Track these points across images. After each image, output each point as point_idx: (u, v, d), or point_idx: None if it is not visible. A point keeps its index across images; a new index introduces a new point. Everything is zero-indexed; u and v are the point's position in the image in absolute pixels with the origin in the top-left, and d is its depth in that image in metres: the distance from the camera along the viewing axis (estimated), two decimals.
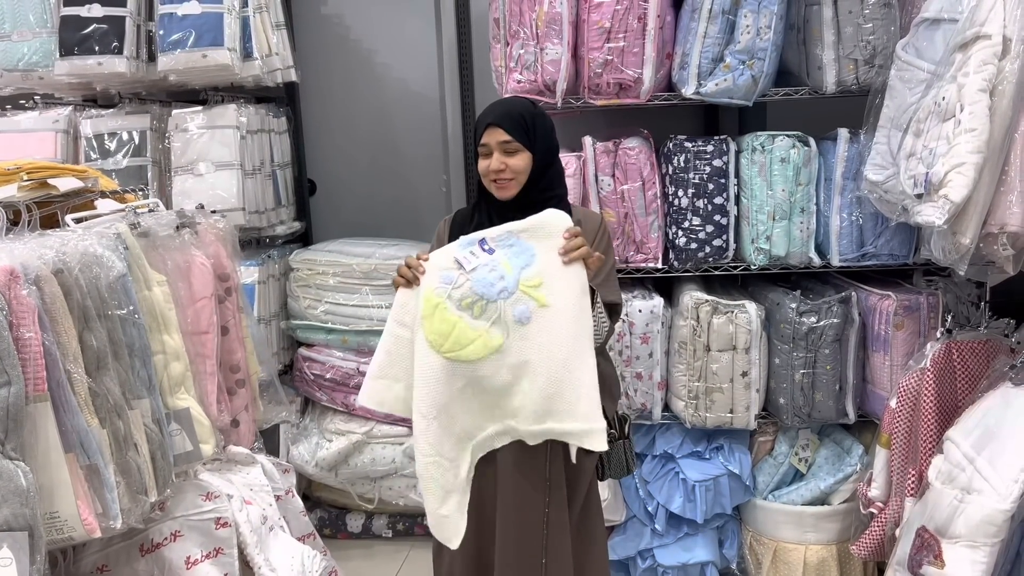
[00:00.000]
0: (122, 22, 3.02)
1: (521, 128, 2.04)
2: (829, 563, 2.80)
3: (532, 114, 2.08)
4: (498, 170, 2.05)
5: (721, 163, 2.71)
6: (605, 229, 2.16)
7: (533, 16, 2.67)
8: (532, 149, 2.05)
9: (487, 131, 2.05)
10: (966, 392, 2.26)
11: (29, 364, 1.49)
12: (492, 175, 2.06)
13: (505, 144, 2.04)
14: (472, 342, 1.88)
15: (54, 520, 1.54)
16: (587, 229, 2.05)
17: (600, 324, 2.01)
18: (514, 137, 2.03)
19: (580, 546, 2.15)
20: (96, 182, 2.09)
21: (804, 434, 2.87)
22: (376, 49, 3.76)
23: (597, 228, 2.13)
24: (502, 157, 2.04)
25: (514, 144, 2.03)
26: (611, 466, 2.16)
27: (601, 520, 2.27)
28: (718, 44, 2.63)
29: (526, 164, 2.05)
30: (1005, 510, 1.81)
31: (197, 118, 3.12)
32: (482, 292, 1.90)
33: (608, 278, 2.10)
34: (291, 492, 2.38)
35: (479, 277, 1.91)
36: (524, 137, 2.04)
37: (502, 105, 2.13)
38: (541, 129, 2.07)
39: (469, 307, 1.90)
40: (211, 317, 2.13)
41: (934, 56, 2.20)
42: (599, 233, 2.12)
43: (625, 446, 2.16)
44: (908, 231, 2.64)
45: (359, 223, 3.82)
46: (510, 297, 1.89)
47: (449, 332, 1.89)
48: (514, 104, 2.12)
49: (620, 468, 2.16)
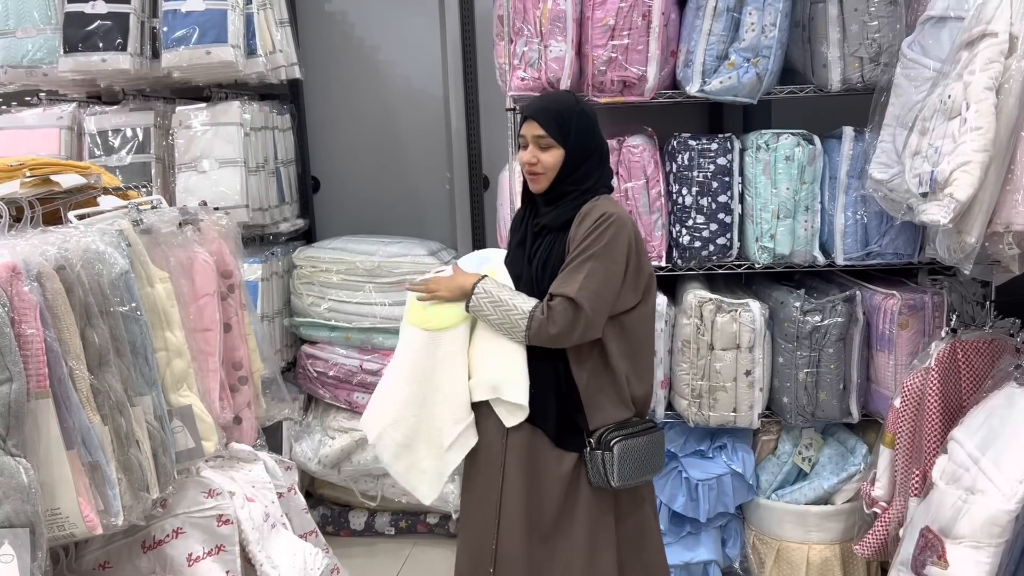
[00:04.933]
0: (126, 19, 3.02)
1: (556, 124, 2.07)
2: (832, 563, 2.79)
3: (571, 111, 2.09)
4: (530, 163, 2.10)
5: (725, 161, 2.70)
6: (597, 227, 2.02)
7: (537, 13, 2.67)
8: (565, 145, 2.07)
9: (525, 123, 2.11)
10: (971, 392, 2.25)
11: (31, 361, 1.48)
12: (526, 167, 2.12)
13: (539, 138, 2.08)
14: (440, 313, 2.17)
15: (55, 517, 1.54)
16: (582, 225, 2.05)
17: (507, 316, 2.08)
18: (548, 132, 2.07)
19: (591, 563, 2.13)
20: (99, 179, 2.08)
21: (808, 433, 2.86)
22: (380, 46, 3.76)
23: (590, 226, 2.02)
24: (535, 151, 2.09)
25: (547, 140, 2.07)
26: (592, 473, 2.09)
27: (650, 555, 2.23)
28: (723, 42, 2.62)
29: (557, 160, 2.08)
30: (1010, 510, 1.80)
31: (201, 115, 3.11)
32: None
33: (571, 272, 2.01)
34: (293, 489, 2.37)
35: (463, 264, 2.29)
36: (558, 133, 2.07)
37: (544, 99, 2.21)
38: (578, 126, 2.08)
39: None
40: (214, 314, 2.13)
41: (940, 54, 2.19)
42: (588, 230, 2.02)
43: (604, 456, 2.05)
44: (913, 230, 2.63)
45: (363, 220, 3.82)
46: None
47: (420, 309, 2.19)
48: (555, 99, 2.18)
49: (600, 477, 2.08)
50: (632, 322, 2.11)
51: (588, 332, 2.03)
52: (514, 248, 2.24)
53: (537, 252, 2.14)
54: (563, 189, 2.11)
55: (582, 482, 2.12)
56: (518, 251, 2.21)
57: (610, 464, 2.05)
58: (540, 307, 2.04)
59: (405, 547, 3.46)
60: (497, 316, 2.08)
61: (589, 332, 2.03)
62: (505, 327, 2.08)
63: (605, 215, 2.04)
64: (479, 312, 2.11)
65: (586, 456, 2.10)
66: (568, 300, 1.99)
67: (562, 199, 2.11)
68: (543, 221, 2.14)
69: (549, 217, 2.12)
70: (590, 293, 1.99)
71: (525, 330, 2.05)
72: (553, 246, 2.10)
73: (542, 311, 2.03)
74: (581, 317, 1.99)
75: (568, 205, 2.10)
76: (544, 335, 2.03)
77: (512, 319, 2.06)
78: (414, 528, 3.51)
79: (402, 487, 2.27)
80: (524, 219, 2.23)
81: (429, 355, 2.17)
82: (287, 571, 2.04)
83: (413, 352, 2.20)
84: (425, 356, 2.17)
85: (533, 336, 2.05)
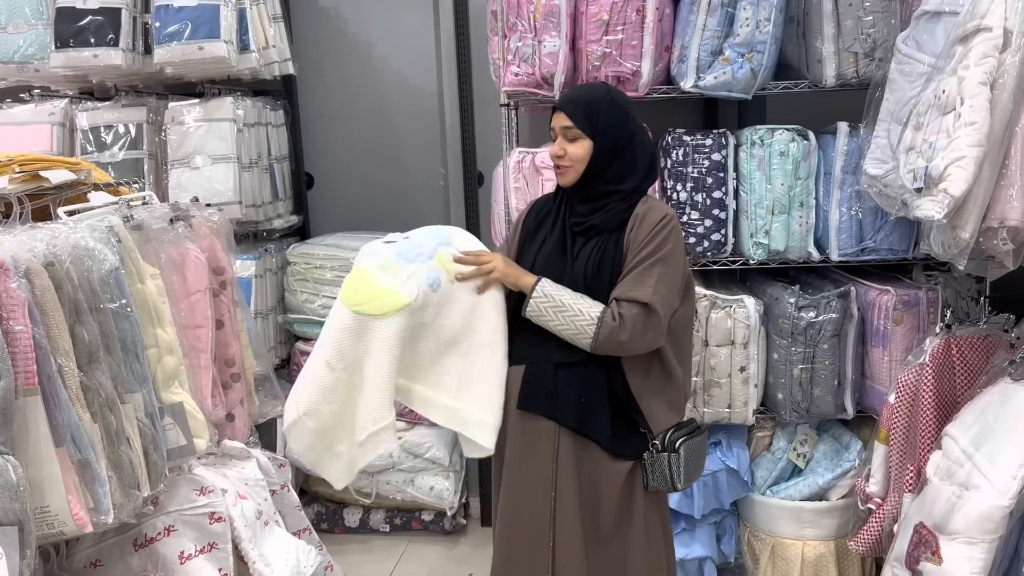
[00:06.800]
0: (118, 14, 3.01)
1: (584, 115, 1.98)
2: (827, 559, 2.79)
3: (600, 101, 2.00)
4: (557, 155, 2.02)
5: (720, 157, 2.69)
6: (661, 230, 1.96)
7: (531, 8, 2.66)
8: (593, 136, 1.98)
9: (554, 114, 2.03)
10: (965, 387, 2.25)
11: (19, 358, 1.47)
12: (553, 159, 2.04)
13: (566, 130, 2.00)
14: (379, 296, 1.94)
15: (45, 515, 1.53)
16: (642, 227, 1.97)
17: (569, 321, 1.95)
18: (575, 123, 1.98)
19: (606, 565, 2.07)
20: (89, 174, 2.07)
21: (802, 429, 2.86)
22: (374, 42, 3.74)
23: (651, 228, 1.96)
24: (563, 143, 2.01)
25: (574, 131, 1.99)
26: (653, 477, 2.03)
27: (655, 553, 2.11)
28: (717, 37, 2.61)
29: (585, 152, 1.99)
30: (1003, 506, 1.80)
31: (194, 111, 3.10)
32: (403, 254, 2.02)
33: (641, 276, 1.94)
34: (287, 487, 2.37)
35: (402, 247, 2.05)
36: (586, 124, 1.98)
37: (575, 90, 2.10)
38: (608, 118, 1.99)
39: (385, 267, 1.99)
40: (205, 311, 2.12)
41: (934, 49, 2.18)
42: (651, 233, 1.96)
43: (670, 459, 2.00)
44: (908, 225, 2.63)
45: (357, 217, 3.81)
46: (428, 263, 2.00)
47: (360, 288, 1.97)
48: (585, 90, 2.09)
49: (664, 481, 2.02)
50: (676, 323, 2.03)
51: (658, 339, 1.94)
52: (549, 248, 2.07)
53: (581, 253, 2.02)
54: (601, 189, 2.01)
55: (636, 488, 2.05)
56: (555, 252, 2.06)
57: (676, 466, 1.98)
58: (610, 312, 1.92)
59: (400, 544, 3.45)
60: (560, 322, 1.95)
61: (659, 339, 1.95)
62: (568, 333, 1.95)
63: (667, 217, 1.97)
64: (538, 317, 1.97)
65: (647, 461, 2.01)
66: (641, 305, 1.90)
67: (604, 199, 2.01)
68: (592, 222, 2.02)
69: (600, 219, 2.01)
70: (662, 298, 1.91)
71: (593, 338, 1.92)
72: (606, 248, 1.99)
73: (613, 316, 1.91)
74: (653, 322, 1.90)
75: (618, 206, 2.00)
76: (614, 342, 1.91)
77: (578, 325, 1.93)
78: (409, 525, 3.50)
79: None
80: (558, 217, 2.10)
81: (356, 341, 1.94)
82: (280, 569, 2.04)
83: (337, 333, 1.96)
84: (351, 342, 1.94)
85: (602, 343, 1.92)
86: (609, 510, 2.04)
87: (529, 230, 2.15)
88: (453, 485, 3.43)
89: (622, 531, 2.06)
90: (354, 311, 1.94)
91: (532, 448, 2.05)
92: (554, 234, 2.08)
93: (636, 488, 2.05)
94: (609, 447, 2.01)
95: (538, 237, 2.12)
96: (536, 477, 2.04)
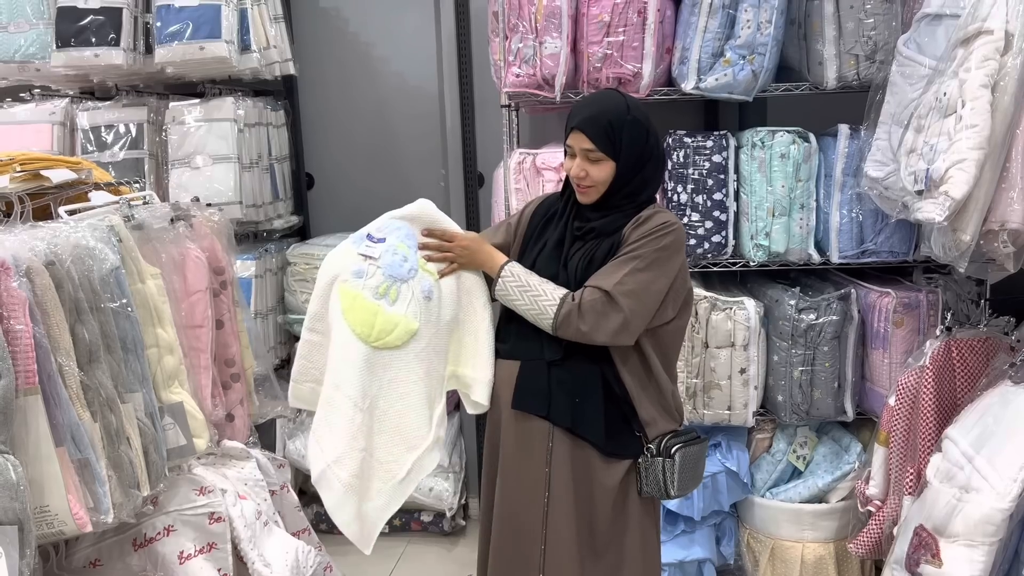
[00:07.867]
0: (119, 14, 3.00)
1: (606, 137, 1.92)
2: (826, 561, 2.79)
3: (621, 120, 1.93)
4: (579, 177, 1.96)
5: (721, 159, 2.69)
6: (654, 232, 1.93)
7: (532, 10, 2.66)
8: (616, 158, 1.93)
9: (572, 134, 1.96)
10: (965, 390, 2.25)
11: (19, 357, 1.47)
12: (574, 180, 1.99)
13: (588, 152, 1.93)
14: (395, 327, 1.96)
15: (44, 514, 1.53)
16: (639, 229, 1.94)
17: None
18: (597, 146, 1.92)
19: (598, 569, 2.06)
20: (90, 174, 2.07)
21: (802, 432, 2.86)
22: (375, 42, 3.74)
23: (647, 231, 1.94)
24: (584, 164, 1.94)
25: (597, 153, 1.92)
26: (647, 482, 2.02)
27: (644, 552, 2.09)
28: (718, 39, 2.62)
29: (608, 174, 1.94)
30: (1003, 509, 1.80)
31: (194, 111, 3.10)
32: (394, 274, 2.00)
33: (613, 268, 1.92)
34: (286, 487, 2.37)
35: (387, 263, 2.01)
36: (608, 146, 1.92)
37: (592, 106, 1.98)
38: (630, 136, 1.93)
39: (384, 294, 1.98)
40: (206, 311, 2.12)
41: (936, 51, 2.18)
42: (645, 234, 1.94)
43: (665, 464, 1.98)
44: (908, 228, 2.63)
45: (357, 217, 3.74)
46: (416, 275, 2.01)
47: (372, 321, 1.96)
48: (605, 105, 1.96)
49: (657, 487, 2.00)
50: (666, 334, 2.01)
51: (622, 333, 1.90)
52: (548, 249, 2.07)
53: (576, 254, 2.01)
54: (617, 201, 1.99)
55: (631, 492, 2.03)
56: (553, 253, 2.05)
57: (670, 472, 1.96)
58: (571, 295, 1.93)
59: (399, 545, 3.45)
60: (524, 302, 1.96)
61: (623, 334, 1.90)
62: (532, 314, 1.96)
63: (668, 223, 1.95)
64: (505, 297, 2.00)
65: (641, 465, 2.00)
66: (603, 292, 1.88)
67: (614, 210, 1.99)
68: (592, 225, 2.01)
69: (600, 223, 2.00)
70: (627, 290, 1.88)
71: (553, 317, 1.92)
72: (598, 248, 1.98)
73: (573, 298, 1.91)
74: (613, 313, 1.88)
75: (621, 212, 1.99)
76: (572, 326, 1.90)
77: (541, 305, 1.93)
78: (408, 526, 3.50)
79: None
80: (561, 219, 2.08)
81: (381, 374, 1.95)
82: (279, 569, 2.03)
83: (359, 370, 1.94)
84: (370, 376, 1.94)
85: (561, 325, 1.92)
86: (603, 514, 2.03)
87: (535, 229, 2.14)
88: (452, 486, 3.43)
89: (617, 540, 2.05)
90: (375, 347, 1.95)
91: (526, 448, 2.04)
92: (555, 236, 2.08)
93: (630, 493, 2.04)
94: (603, 447, 2.00)
95: (542, 238, 2.11)
96: (530, 478, 2.04)
